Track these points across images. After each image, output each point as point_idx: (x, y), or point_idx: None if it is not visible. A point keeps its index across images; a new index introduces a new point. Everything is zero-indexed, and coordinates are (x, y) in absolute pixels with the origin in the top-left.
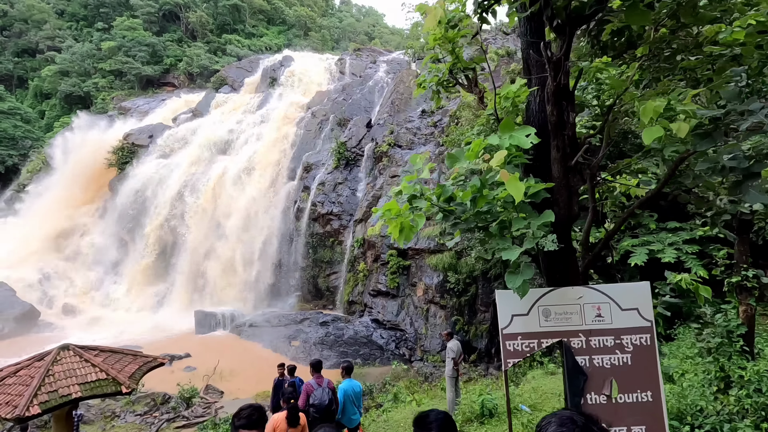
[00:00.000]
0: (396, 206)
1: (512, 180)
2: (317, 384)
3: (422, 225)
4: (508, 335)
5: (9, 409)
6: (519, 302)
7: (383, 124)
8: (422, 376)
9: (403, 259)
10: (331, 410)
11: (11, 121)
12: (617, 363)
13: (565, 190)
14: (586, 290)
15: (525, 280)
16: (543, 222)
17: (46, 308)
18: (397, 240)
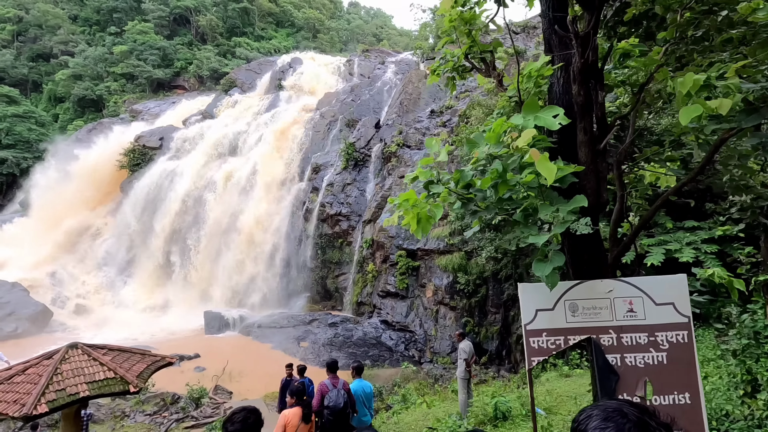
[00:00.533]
0: (413, 196)
1: (543, 160)
2: (332, 385)
3: (440, 216)
4: (531, 331)
5: (17, 408)
6: (543, 296)
7: (392, 125)
8: (432, 378)
9: (412, 260)
10: (346, 413)
11: (26, 125)
12: (651, 362)
13: (594, 176)
14: (616, 283)
15: (555, 269)
16: (574, 207)
17: (59, 308)
18: (414, 232)
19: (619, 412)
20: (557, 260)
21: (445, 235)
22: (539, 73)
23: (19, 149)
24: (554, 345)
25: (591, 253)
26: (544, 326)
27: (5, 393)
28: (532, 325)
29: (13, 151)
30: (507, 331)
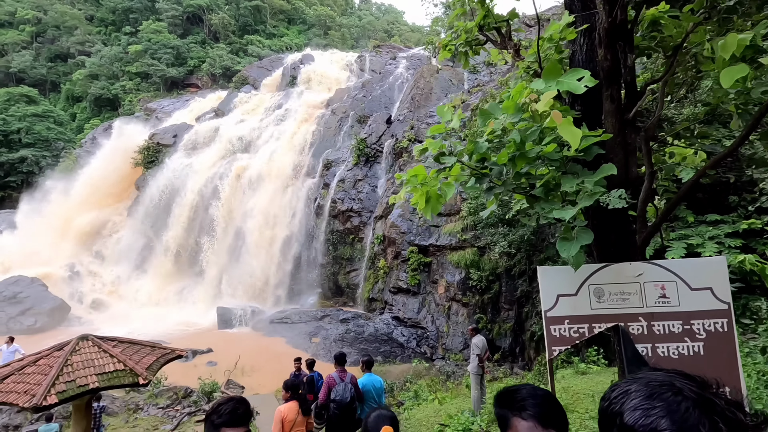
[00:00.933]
0: (422, 171)
1: (566, 124)
2: (340, 378)
3: (451, 194)
4: (552, 319)
5: (27, 398)
6: (566, 280)
7: (403, 120)
8: (444, 375)
9: (423, 255)
10: (353, 408)
11: (45, 124)
12: (687, 353)
13: (621, 149)
14: (647, 266)
15: (581, 248)
16: (602, 177)
17: (77, 303)
18: (423, 211)
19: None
20: (584, 237)
21: (457, 230)
22: (561, 36)
23: (38, 148)
24: (577, 334)
25: (618, 234)
26: (567, 313)
27: (16, 383)
28: (553, 312)
29: (33, 150)
30: (520, 328)
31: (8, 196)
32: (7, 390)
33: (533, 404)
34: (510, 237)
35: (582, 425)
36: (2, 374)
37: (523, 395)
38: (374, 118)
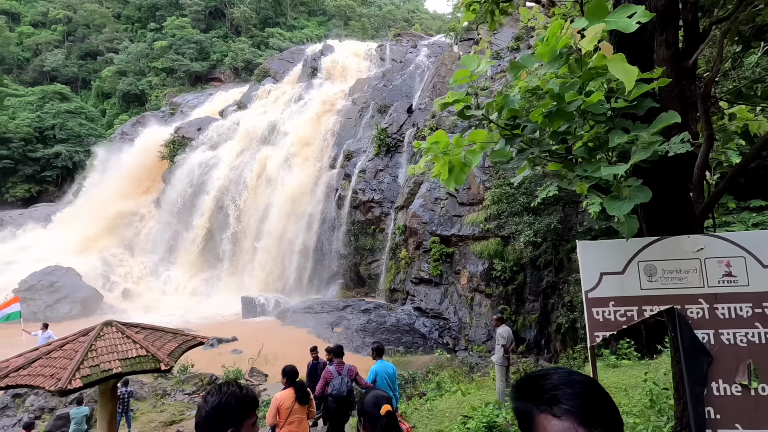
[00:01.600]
0: (444, 138)
1: (618, 60)
2: (337, 372)
3: (477, 164)
4: (594, 300)
5: (53, 382)
6: (610, 256)
7: (424, 109)
8: (467, 366)
9: (446, 246)
10: (349, 401)
11: (77, 120)
12: (758, 340)
13: (678, 103)
14: (709, 239)
15: (635, 208)
16: (661, 127)
17: (108, 292)
18: (445, 182)
19: None
20: (640, 195)
21: (480, 220)
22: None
23: (71, 143)
24: (624, 317)
25: (673, 203)
26: (612, 294)
27: (43, 367)
28: (596, 293)
29: (66, 145)
30: (546, 319)
31: (45, 190)
32: (35, 373)
33: (570, 395)
34: (536, 226)
35: None
36: (30, 358)
37: (554, 382)
38: (395, 107)
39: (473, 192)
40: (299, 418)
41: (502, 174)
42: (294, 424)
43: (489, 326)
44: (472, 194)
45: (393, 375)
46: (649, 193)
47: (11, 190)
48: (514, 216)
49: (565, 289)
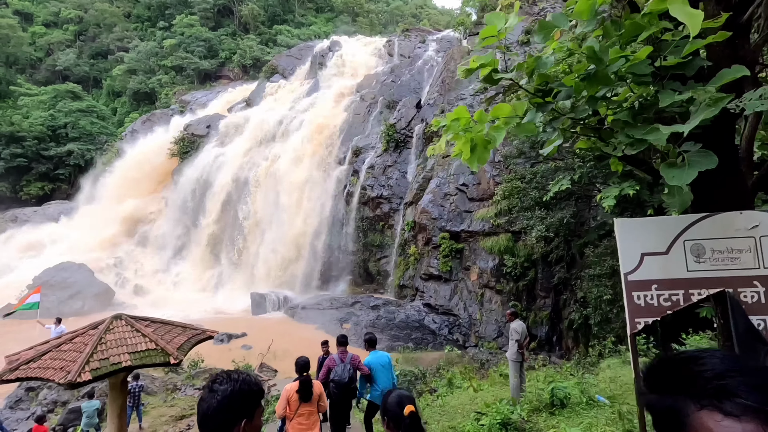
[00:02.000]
0: (465, 114)
1: (679, 2)
2: (340, 360)
3: (500, 141)
4: (635, 283)
5: (62, 374)
6: (653, 235)
7: (433, 104)
8: (478, 363)
9: (455, 242)
10: (351, 387)
11: (89, 119)
12: None
13: (730, 63)
14: (765, 216)
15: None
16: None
17: (120, 288)
18: (468, 162)
19: None
20: (703, 161)
21: (490, 215)
22: None
23: (83, 142)
24: (669, 302)
25: (725, 174)
26: (654, 276)
27: (53, 360)
28: (636, 275)
29: (78, 144)
30: (558, 316)
31: (58, 188)
32: (45, 366)
33: (750, 386)
34: (548, 221)
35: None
36: (41, 351)
37: (719, 369)
38: (403, 102)
39: (483, 187)
40: (309, 410)
41: (513, 168)
42: (304, 416)
43: (499, 323)
44: (482, 189)
45: (388, 364)
46: (714, 159)
47: (26, 188)
48: (525, 211)
49: (577, 285)
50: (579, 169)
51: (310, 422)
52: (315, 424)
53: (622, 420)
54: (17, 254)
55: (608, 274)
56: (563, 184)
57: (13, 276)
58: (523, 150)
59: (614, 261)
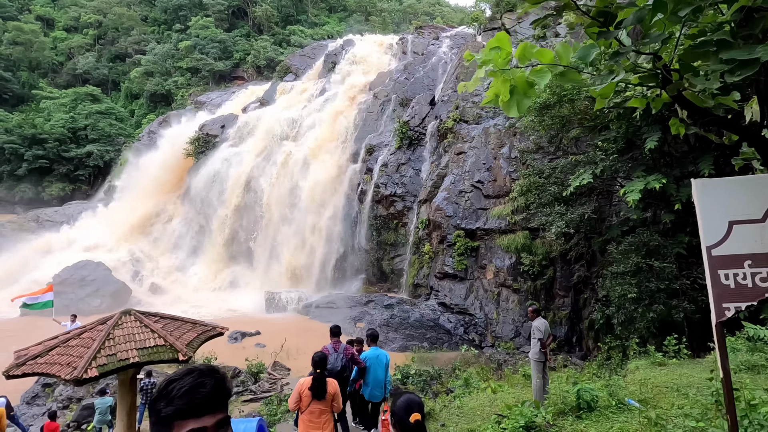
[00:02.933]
0: (507, 44)
1: None
2: (334, 349)
3: (545, 83)
4: (722, 259)
5: (69, 370)
6: (744, 197)
7: (447, 101)
8: (495, 363)
9: (470, 240)
10: (344, 376)
11: (107, 120)
12: None
13: None
14: None
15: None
16: None
17: (137, 286)
18: (504, 107)
19: None
20: None
21: (506, 213)
22: None
23: (102, 143)
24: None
25: None
26: (747, 250)
27: (60, 355)
28: (723, 249)
29: (98, 145)
30: (577, 316)
31: (78, 189)
32: (52, 362)
33: None
34: (567, 216)
35: (674, 424)
36: (48, 346)
37: None
38: (417, 99)
39: (499, 184)
40: (320, 408)
41: (531, 164)
42: (315, 414)
43: (516, 322)
44: (497, 186)
45: (385, 363)
46: None
47: (47, 189)
48: (543, 207)
49: (599, 284)
50: (601, 162)
51: (321, 421)
52: (327, 424)
53: (655, 425)
54: (38, 253)
55: (632, 271)
56: (584, 178)
57: (37, 274)
58: (541, 145)
59: (639, 258)
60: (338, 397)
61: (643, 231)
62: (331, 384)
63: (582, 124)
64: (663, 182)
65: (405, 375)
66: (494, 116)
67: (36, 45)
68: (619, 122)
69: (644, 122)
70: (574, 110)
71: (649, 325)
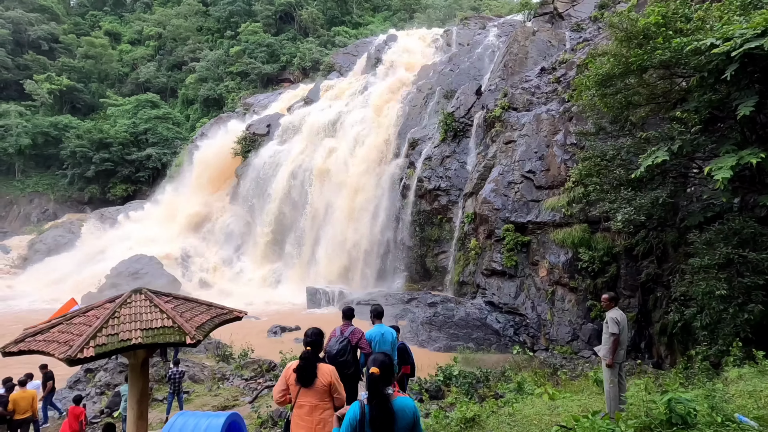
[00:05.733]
0: None
1: None
2: (340, 332)
3: None
4: None
5: (64, 349)
6: None
7: (495, 90)
8: (550, 368)
9: (521, 234)
10: (339, 361)
11: (165, 125)
12: None
13: None
14: None
15: None
16: None
17: (186, 281)
18: None
19: None
20: None
21: (562, 204)
22: None
23: (161, 146)
24: None
25: None
26: None
27: (61, 333)
28: None
29: (156, 148)
30: (646, 319)
31: (139, 189)
32: (51, 339)
33: None
34: (637, 202)
35: None
36: (52, 323)
37: None
38: (462, 90)
39: (552, 174)
40: (311, 403)
41: (591, 146)
42: (304, 409)
43: (574, 324)
44: (551, 176)
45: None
46: None
47: (112, 189)
48: (606, 193)
49: (674, 281)
50: (679, 137)
51: (313, 420)
52: (322, 426)
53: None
54: (99, 248)
55: (721, 264)
56: (659, 156)
57: (98, 267)
58: (602, 125)
59: (729, 248)
60: (337, 387)
61: (733, 217)
62: (325, 370)
63: (652, 101)
64: (762, 157)
65: (448, 376)
66: (546, 101)
67: (105, 57)
68: (702, 89)
69: (734, 87)
70: (643, 82)
71: (740, 329)
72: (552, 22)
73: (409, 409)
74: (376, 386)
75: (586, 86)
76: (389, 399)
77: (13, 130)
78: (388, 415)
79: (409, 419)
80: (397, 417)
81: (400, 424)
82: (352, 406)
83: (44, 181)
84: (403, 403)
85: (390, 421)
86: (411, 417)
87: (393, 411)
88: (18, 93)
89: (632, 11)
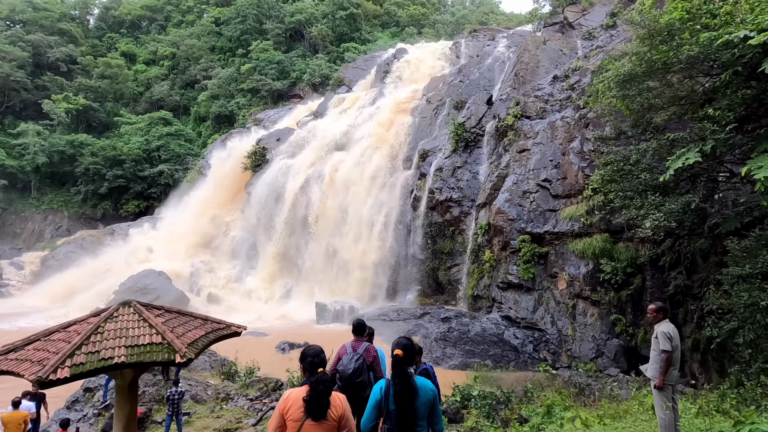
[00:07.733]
0: None
1: None
2: (353, 348)
3: None
4: None
5: (36, 369)
6: None
7: (506, 99)
8: (575, 387)
9: (538, 245)
10: (356, 382)
11: (177, 142)
12: None
13: None
14: None
15: None
16: None
17: (195, 296)
18: None
19: None
20: None
21: (580, 213)
22: None
23: (173, 163)
24: None
25: None
26: None
27: (36, 351)
28: None
29: (168, 165)
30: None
31: (151, 206)
32: (24, 358)
33: None
34: (666, 207)
35: None
36: (28, 339)
37: None
38: (473, 100)
39: (570, 182)
40: None
41: (611, 151)
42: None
43: (597, 340)
44: (568, 185)
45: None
46: None
47: (124, 206)
48: (631, 199)
49: (708, 294)
50: (712, 137)
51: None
52: None
53: None
54: (109, 263)
55: (765, 273)
56: (690, 157)
57: (106, 282)
58: (622, 130)
59: None
60: (348, 421)
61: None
62: (337, 400)
63: (675, 103)
64: None
65: (466, 397)
66: (561, 109)
67: (120, 77)
68: (735, 85)
69: None
70: (666, 83)
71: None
72: (562, 32)
73: (430, 388)
74: (400, 365)
75: (607, 87)
76: (412, 376)
77: (30, 149)
78: (410, 391)
79: (430, 397)
80: (419, 393)
81: (421, 400)
82: (378, 384)
83: (59, 198)
84: (424, 382)
85: (412, 396)
86: (431, 395)
87: (416, 387)
88: (36, 113)
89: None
